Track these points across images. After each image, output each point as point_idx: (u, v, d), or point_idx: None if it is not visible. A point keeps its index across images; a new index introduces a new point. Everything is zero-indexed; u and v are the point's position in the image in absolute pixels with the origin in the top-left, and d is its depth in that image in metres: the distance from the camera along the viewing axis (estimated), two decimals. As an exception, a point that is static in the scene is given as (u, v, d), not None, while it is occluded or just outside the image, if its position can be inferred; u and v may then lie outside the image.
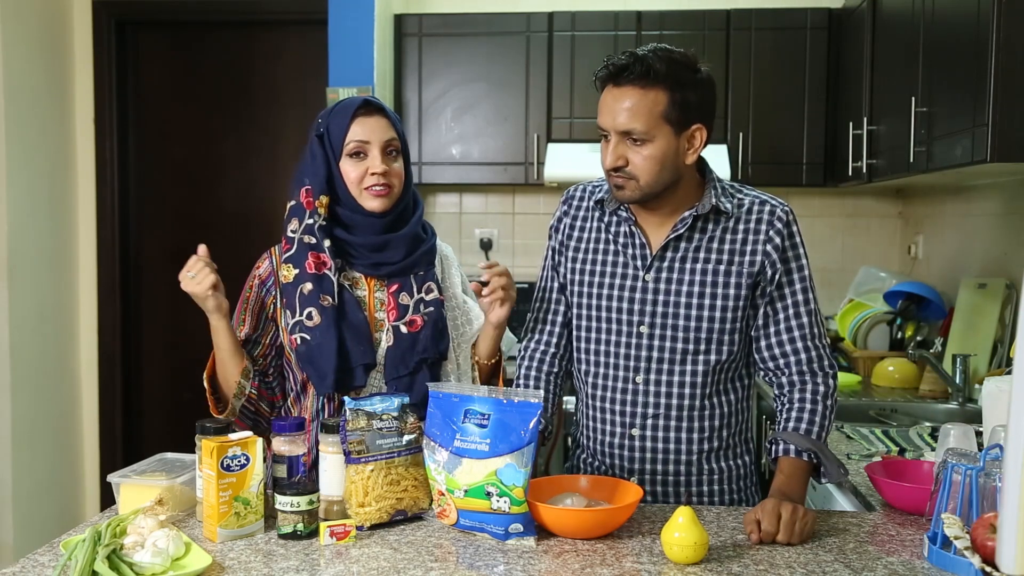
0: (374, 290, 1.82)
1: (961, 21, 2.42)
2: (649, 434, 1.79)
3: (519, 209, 4.22)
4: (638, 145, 1.67)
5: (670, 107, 1.64)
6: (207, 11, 4.06)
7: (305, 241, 1.78)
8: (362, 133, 1.77)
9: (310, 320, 1.76)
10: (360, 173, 1.77)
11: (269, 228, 4.15)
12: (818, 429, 1.72)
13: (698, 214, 1.73)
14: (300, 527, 1.52)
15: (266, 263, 1.85)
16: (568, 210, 1.89)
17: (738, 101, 3.73)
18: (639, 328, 1.77)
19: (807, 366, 1.75)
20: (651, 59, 1.64)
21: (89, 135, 4.08)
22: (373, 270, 1.81)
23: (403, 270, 1.82)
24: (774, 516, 1.52)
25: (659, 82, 1.64)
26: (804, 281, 1.76)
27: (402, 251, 1.81)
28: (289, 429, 1.63)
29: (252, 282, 1.86)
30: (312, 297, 1.76)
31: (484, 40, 3.83)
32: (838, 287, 3.98)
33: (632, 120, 1.65)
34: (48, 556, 1.45)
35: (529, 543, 1.50)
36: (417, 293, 1.83)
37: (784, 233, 1.74)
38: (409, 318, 1.81)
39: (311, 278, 1.77)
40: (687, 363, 1.76)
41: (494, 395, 1.56)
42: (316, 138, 1.80)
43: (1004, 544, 1.09)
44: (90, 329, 4.15)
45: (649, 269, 1.77)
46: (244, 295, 1.86)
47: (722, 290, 1.74)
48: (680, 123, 1.66)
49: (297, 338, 1.77)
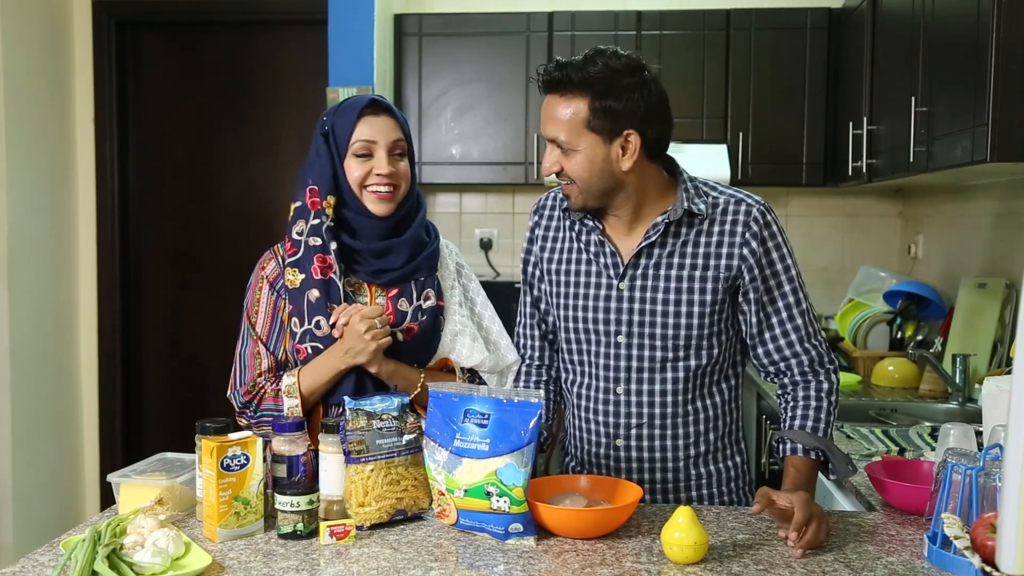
0: (375, 297, 1.80)
1: (961, 21, 2.42)
2: (634, 444, 1.78)
3: (519, 209, 4.22)
4: (567, 154, 1.67)
5: (591, 115, 1.63)
6: (207, 11, 4.06)
7: (310, 244, 1.75)
8: (368, 132, 1.74)
9: (319, 329, 1.74)
10: (364, 173, 1.74)
11: (269, 228, 4.15)
12: (824, 426, 1.71)
13: (670, 220, 1.70)
14: (300, 527, 1.52)
15: (272, 264, 1.81)
16: (540, 220, 1.87)
17: (738, 101, 3.73)
18: (616, 338, 1.75)
19: (808, 367, 1.75)
20: (572, 68, 1.62)
21: (89, 135, 4.08)
22: (375, 278, 1.79)
23: (404, 276, 1.79)
24: (808, 507, 1.46)
25: (579, 91, 1.62)
26: (793, 282, 1.73)
27: (404, 256, 1.79)
28: (289, 429, 1.63)
29: (260, 283, 1.81)
30: (320, 305, 1.74)
31: (484, 40, 3.83)
32: (838, 287, 3.98)
33: (557, 130, 1.65)
34: (48, 556, 1.44)
35: (529, 543, 1.50)
36: (416, 300, 1.80)
37: (762, 235, 1.70)
38: (406, 325, 1.79)
39: (318, 284, 1.74)
40: (667, 371, 1.74)
41: (494, 395, 1.56)
42: (321, 136, 1.77)
43: (1004, 544, 1.09)
44: (90, 329, 4.15)
45: (623, 277, 1.74)
46: (253, 296, 1.81)
47: (699, 296, 1.71)
48: (608, 131, 1.64)
49: (308, 347, 1.75)
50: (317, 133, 1.78)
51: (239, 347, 1.82)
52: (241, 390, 1.79)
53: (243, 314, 1.83)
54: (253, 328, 1.80)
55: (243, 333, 1.82)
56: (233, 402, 1.81)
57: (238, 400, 1.80)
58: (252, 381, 1.78)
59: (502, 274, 4.15)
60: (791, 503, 1.47)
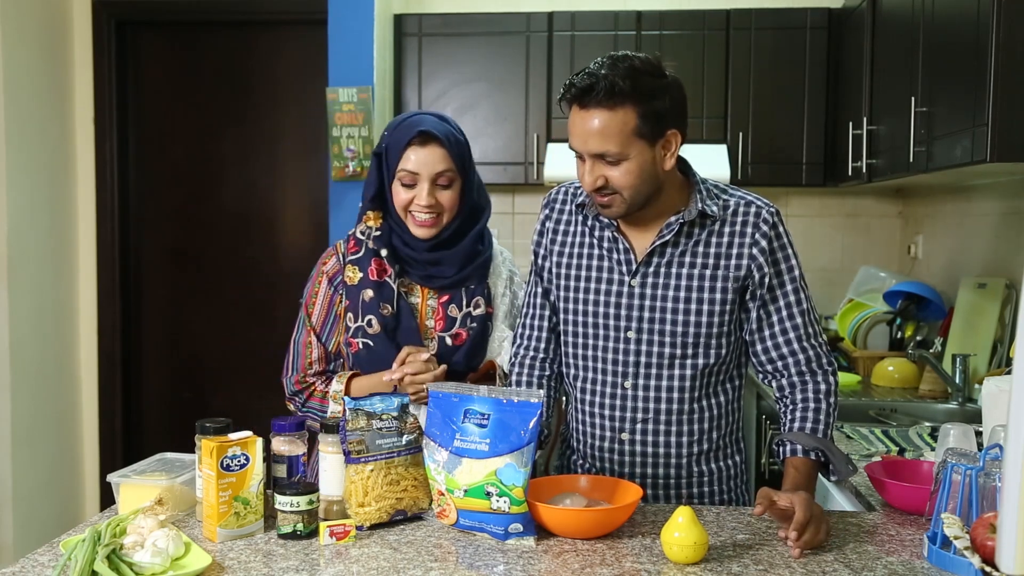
0: (427, 298, 1.88)
1: (961, 21, 2.42)
2: (639, 438, 1.78)
3: (519, 209, 4.22)
4: (614, 164, 1.63)
5: (641, 122, 1.60)
6: (207, 11, 4.06)
7: (371, 246, 1.86)
8: (413, 164, 1.80)
9: (371, 327, 1.84)
10: (407, 199, 1.82)
11: (269, 228, 4.16)
12: (823, 427, 1.71)
13: (684, 221, 1.71)
14: (300, 527, 1.52)
15: (333, 260, 1.90)
16: (551, 214, 1.87)
17: (738, 101, 3.73)
18: (626, 334, 1.76)
19: (806, 366, 1.75)
20: (613, 77, 1.58)
21: (89, 135, 4.08)
22: (426, 282, 1.87)
23: (455, 284, 1.87)
24: (809, 507, 1.47)
25: (625, 99, 1.59)
26: (795, 281, 1.74)
27: (455, 267, 1.86)
28: (289, 429, 1.63)
29: (320, 277, 1.90)
30: (372, 305, 1.84)
31: (484, 40, 3.83)
32: (838, 287, 3.98)
33: (604, 143, 1.61)
34: (48, 556, 1.45)
35: (529, 543, 1.50)
36: (466, 307, 1.88)
37: (771, 235, 1.72)
38: (455, 331, 1.87)
39: (372, 285, 1.84)
40: (675, 367, 1.75)
41: (494, 395, 1.56)
42: (375, 156, 1.86)
43: (1004, 544, 1.09)
44: (90, 329, 4.15)
45: (635, 275, 1.75)
46: (312, 288, 1.90)
47: (708, 294, 1.72)
48: (653, 134, 1.62)
49: (359, 343, 1.85)
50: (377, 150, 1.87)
51: (294, 335, 1.93)
52: (292, 379, 1.91)
53: (300, 305, 1.93)
54: (309, 319, 1.91)
55: (299, 322, 1.93)
56: (284, 387, 1.92)
57: (289, 387, 1.92)
58: (303, 370, 1.91)
59: (502, 274, 4.15)
60: (792, 503, 1.47)
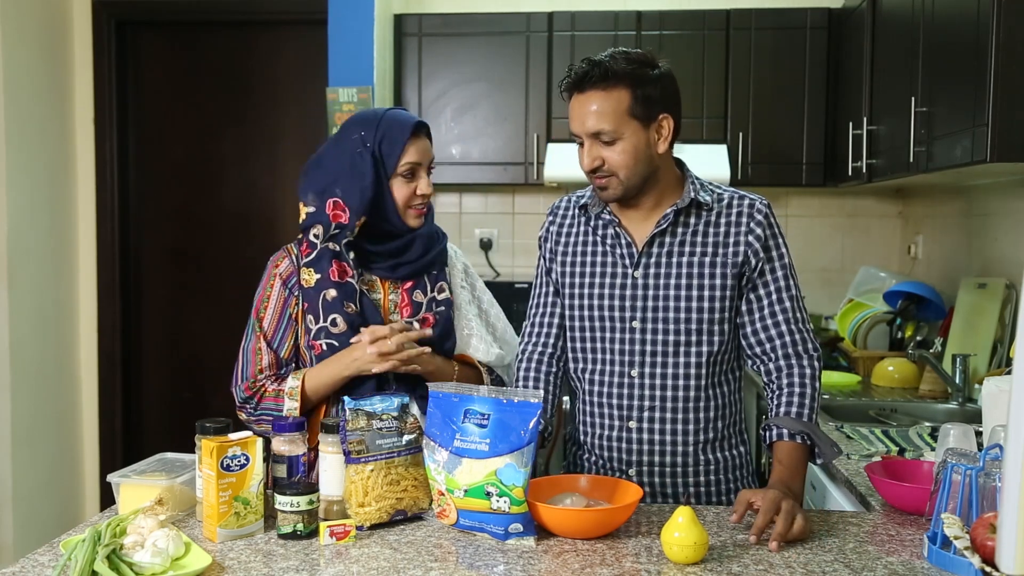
0: (388, 292, 1.87)
1: (961, 21, 2.42)
2: (646, 426, 1.82)
3: (519, 209, 4.22)
4: (610, 144, 1.73)
5: (634, 103, 1.72)
6: (207, 11, 4.06)
7: (330, 248, 1.81)
8: (416, 155, 1.82)
9: (335, 327, 1.80)
10: (408, 193, 1.82)
11: (269, 227, 4.15)
12: (808, 411, 1.76)
13: (679, 208, 1.79)
14: (300, 527, 1.52)
15: (286, 262, 1.85)
16: (555, 219, 1.95)
17: (738, 101, 3.73)
18: (631, 323, 1.82)
19: (792, 349, 1.80)
20: (609, 62, 1.72)
21: (89, 135, 4.08)
22: (391, 272, 1.86)
23: (420, 269, 1.87)
24: (773, 505, 1.52)
25: (619, 81, 1.71)
26: (785, 268, 1.82)
27: (420, 249, 1.87)
28: (289, 429, 1.63)
29: (272, 281, 1.85)
30: (336, 304, 1.80)
31: (484, 40, 3.83)
32: (838, 287, 3.98)
33: (600, 121, 1.72)
34: (48, 556, 1.45)
35: (529, 543, 1.50)
36: (430, 292, 1.88)
37: (765, 224, 1.80)
38: (422, 315, 1.86)
39: (334, 285, 1.80)
40: (680, 355, 1.81)
41: (494, 395, 1.56)
42: (369, 157, 1.79)
43: (1004, 544, 1.09)
44: (90, 329, 4.15)
45: (637, 266, 1.82)
46: (263, 293, 1.85)
47: (708, 280, 1.79)
48: (646, 116, 1.73)
49: (323, 344, 1.81)
50: (358, 149, 1.80)
51: (243, 342, 1.86)
52: (242, 385, 1.83)
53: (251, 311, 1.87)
54: (260, 324, 1.84)
55: (248, 329, 1.86)
56: (235, 396, 1.86)
57: (239, 395, 1.84)
58: (252, 377, 1.82)
59: (502, 274, 4.16)
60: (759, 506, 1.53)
